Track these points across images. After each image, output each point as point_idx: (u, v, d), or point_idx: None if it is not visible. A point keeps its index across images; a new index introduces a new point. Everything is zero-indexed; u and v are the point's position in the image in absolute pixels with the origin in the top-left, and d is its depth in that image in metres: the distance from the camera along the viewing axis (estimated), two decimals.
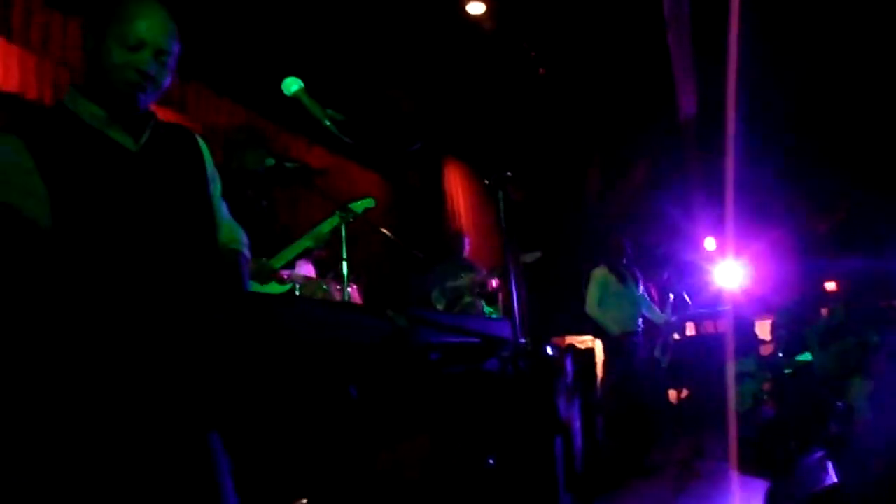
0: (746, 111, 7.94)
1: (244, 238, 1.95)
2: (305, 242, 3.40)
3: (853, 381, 4.19)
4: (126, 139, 1.63)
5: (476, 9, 6.10)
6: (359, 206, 3.42)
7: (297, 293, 3.41)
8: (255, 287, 3.18)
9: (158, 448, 1.47)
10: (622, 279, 5.61)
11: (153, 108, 1.73)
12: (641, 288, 5.77)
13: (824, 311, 5.84)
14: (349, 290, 3.33)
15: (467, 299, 5.85)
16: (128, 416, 1.42)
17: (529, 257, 5.63)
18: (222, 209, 1.89)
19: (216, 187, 1.86)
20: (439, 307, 5.74)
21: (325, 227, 3.36)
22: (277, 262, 3.37)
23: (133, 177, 1.60)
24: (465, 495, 2.75)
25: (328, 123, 1.83)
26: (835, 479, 3.33)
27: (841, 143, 8.25)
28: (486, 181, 2.92)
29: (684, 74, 7.89)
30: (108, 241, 1.52)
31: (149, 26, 1.59)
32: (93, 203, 1.52)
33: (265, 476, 2.22)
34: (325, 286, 3.56)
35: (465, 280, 5.84)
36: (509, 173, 2.51)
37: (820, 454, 3.78)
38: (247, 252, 1.94)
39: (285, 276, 3.41)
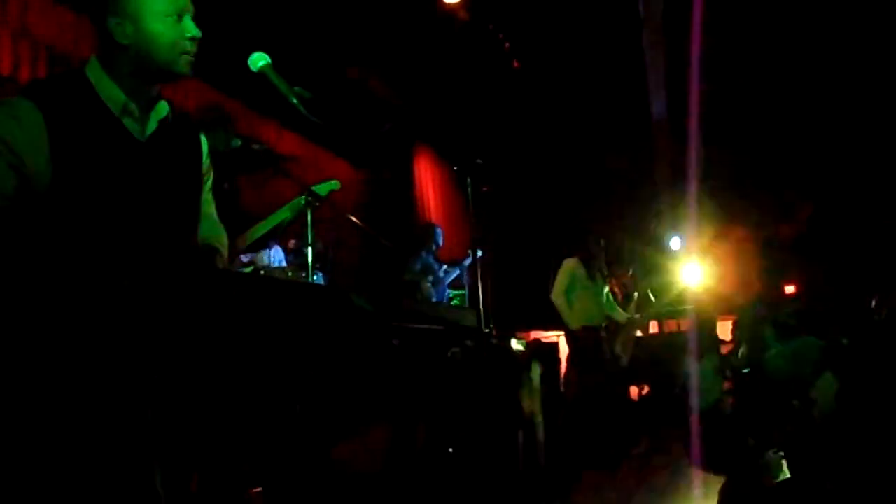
0: (714, 113, 8.04)
1: (224, 240, 1.95)
2: (282, 214, 3.32)
3: (822, 378, 4.25)
4: (136, 128, 1.62)
5: None
6: (323, 188, 3.35)
7: None
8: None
9: (98, 431, 1.43)
10: (591, 275, 5.61)
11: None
12: (606, 288, 5.77)
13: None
14: (315, 277, 3.27)
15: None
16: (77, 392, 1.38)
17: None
18: (210, 205, 1.89)
19: (208, 181, 1.86)
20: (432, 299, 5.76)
21: (294, 204, 3.29)
22: (248, 239, 3.30)
23: (135, 166, 1.59)
24: (426, 485, 2.73)
25: (295, 101, 1.79)
26: (788, 475, 3.39)
27: (806, 147, 8.40)
28: (455, 168, 2.90)
29: (656, 74, 7.95)
30: (95, 220, 1.52)
31: None
32: (92, 183, 1.51)
33: (219, 464, 2.17)
34: (290, 273, 3.49)
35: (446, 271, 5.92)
36: (479, 161, 2.49)
37: (776, 451, 3.85)
38: (224, 252, 1.93)
39: (245, 261, 3.33)
